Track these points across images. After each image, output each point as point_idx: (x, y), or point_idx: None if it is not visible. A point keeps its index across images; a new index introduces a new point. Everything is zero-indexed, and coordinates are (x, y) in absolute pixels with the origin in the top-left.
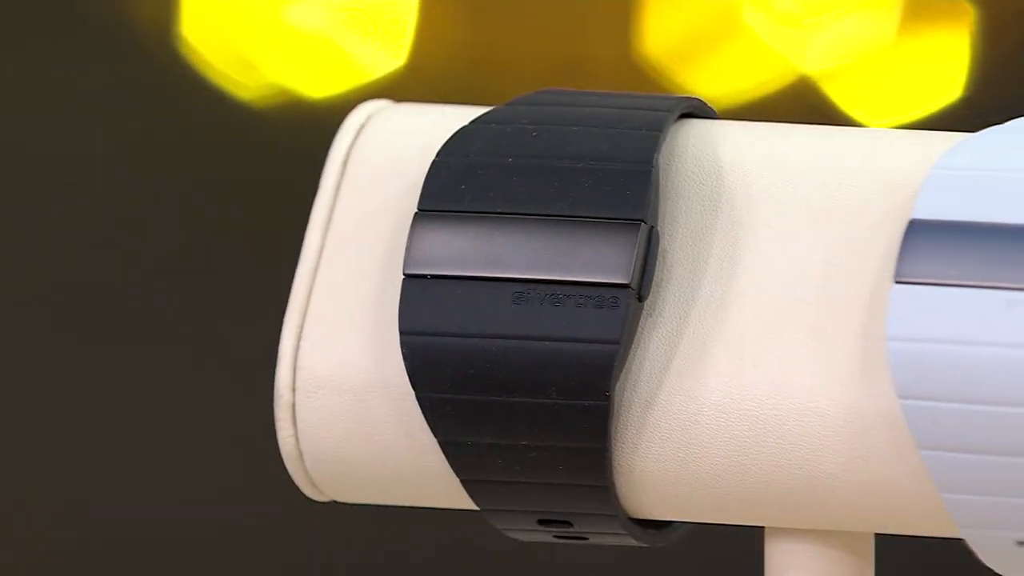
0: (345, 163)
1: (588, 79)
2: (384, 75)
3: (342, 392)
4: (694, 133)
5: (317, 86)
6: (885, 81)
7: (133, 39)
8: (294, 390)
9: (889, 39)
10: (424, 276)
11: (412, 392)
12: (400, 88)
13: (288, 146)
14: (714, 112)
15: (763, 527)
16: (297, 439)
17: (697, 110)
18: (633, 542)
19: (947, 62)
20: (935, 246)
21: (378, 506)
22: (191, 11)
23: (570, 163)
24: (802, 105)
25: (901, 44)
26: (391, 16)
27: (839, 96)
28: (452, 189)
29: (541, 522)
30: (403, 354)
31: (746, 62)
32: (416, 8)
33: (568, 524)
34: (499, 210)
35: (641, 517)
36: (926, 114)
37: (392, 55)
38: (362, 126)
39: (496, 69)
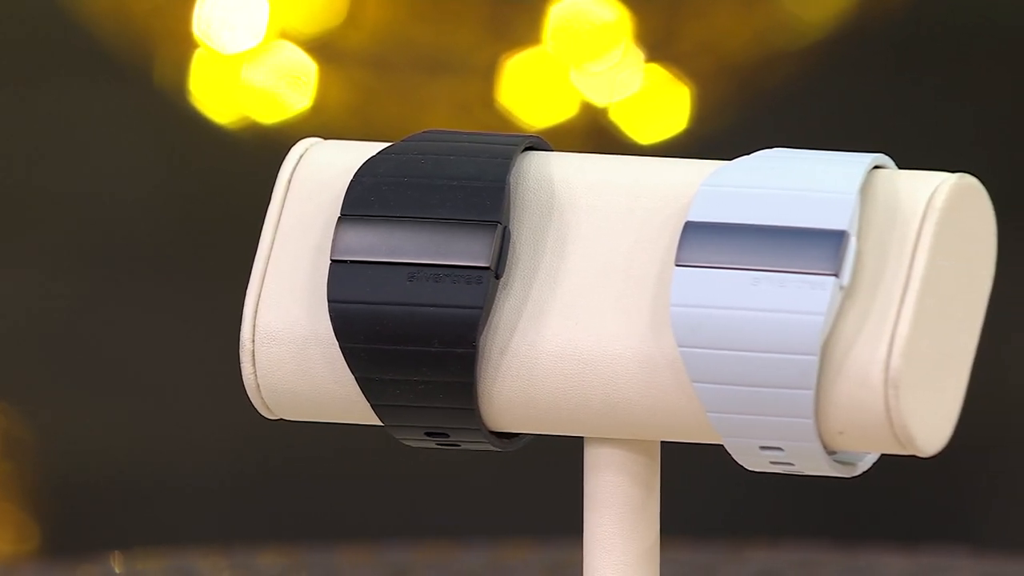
0: (289, 181)
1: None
2: (301, 110)
3: (288, 343)
4: (535, 161)
5: (267, 115)
6: (646, 116)
7: (156, 89)
8: (253, 341)
9: (651, 91)
10: (345, 261)
11: (337, 343)
12: (310, 117)
13: (249, 153)
14: (550, 146)
15: (583, 437)
16: (256, 376)
17: (537, 144)
18: (492, 448)
19: (678, 108)
20: (704, 240)
21: (313, 422)
22: (197, 72)
23: (447, 181)
24: (597, 129)
25: (655, 94)
26: (303, 74)
27: (621, 124)
28: (365, 199)
29: (427, 434)
30: (331, 316)
31: (563, 104)
32: (316, 71)
33: (447, 435)
34: (397, 214)
35: (497, 430)
36: (667, 136)
37: (304, 98)
38: (301, 156)
39: (374, 115)
